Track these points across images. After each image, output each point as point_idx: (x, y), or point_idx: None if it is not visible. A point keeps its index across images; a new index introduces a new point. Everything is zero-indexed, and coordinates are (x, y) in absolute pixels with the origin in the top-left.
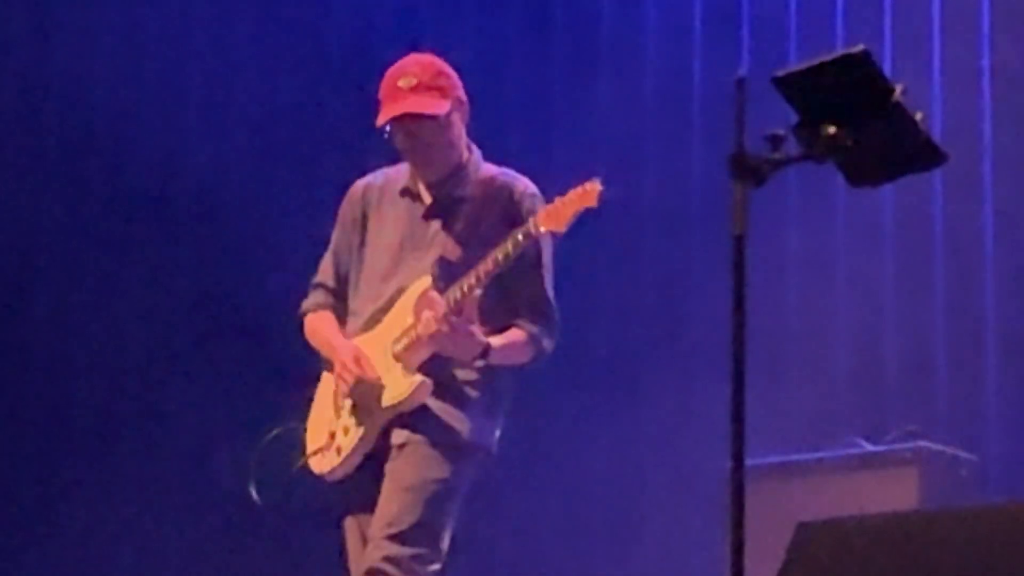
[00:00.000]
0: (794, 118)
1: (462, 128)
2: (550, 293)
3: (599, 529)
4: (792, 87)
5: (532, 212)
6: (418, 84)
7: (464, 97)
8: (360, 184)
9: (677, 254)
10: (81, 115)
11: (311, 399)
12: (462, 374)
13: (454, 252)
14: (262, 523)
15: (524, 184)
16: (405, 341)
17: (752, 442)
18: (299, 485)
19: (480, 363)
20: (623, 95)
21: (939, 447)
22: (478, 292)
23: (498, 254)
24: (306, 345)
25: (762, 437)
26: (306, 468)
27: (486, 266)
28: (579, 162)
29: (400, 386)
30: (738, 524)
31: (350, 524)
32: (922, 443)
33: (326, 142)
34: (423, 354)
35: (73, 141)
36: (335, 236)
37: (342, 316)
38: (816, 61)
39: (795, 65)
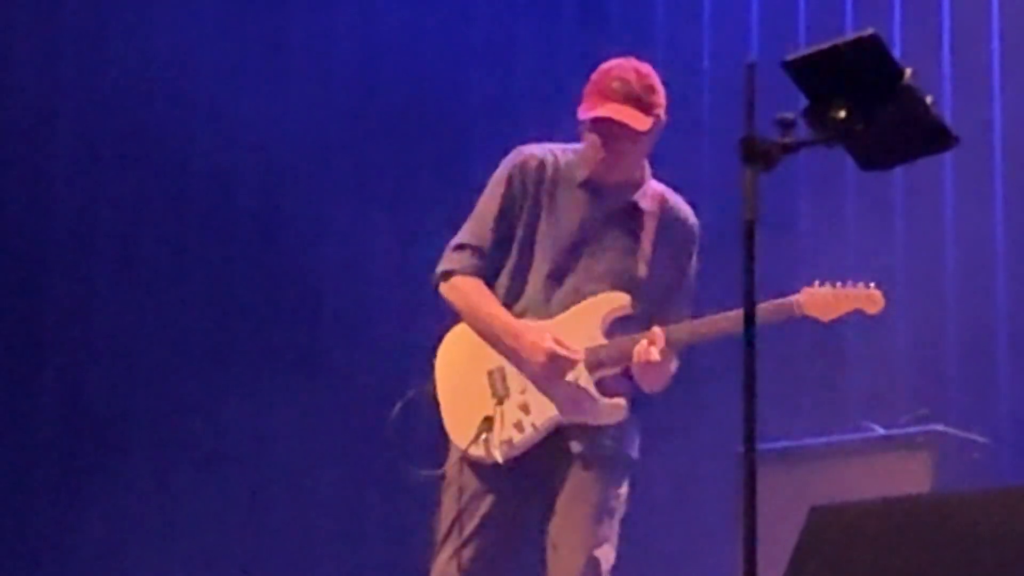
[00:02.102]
0: (804, 102)
1: (652, 144)
2: None
3: None
4: (802, 71)
5: (697, 249)
6: (630, 92)
7: (664, 117)
8: (534, 156)
9: None
10: (137, 119)
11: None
12: (624, 389)
13: (640, 270)
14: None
15: (693, 217)
16: (603, 355)
17: (764, 426)
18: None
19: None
20: None
21: (952, 430)
22: (699, 342)
23: (744, 320)
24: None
25: (775, 421)
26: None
27: (727, 324)
28: None
29: (611, 406)
30: (751, 508)
31: (486, 505)
32: (935, 426)
33: (377, 148)
34: (611, 372)
35: (129, 145)
36: (495, 200)
37: (490, 285)
38: (826, 45)
39: (805, 49)
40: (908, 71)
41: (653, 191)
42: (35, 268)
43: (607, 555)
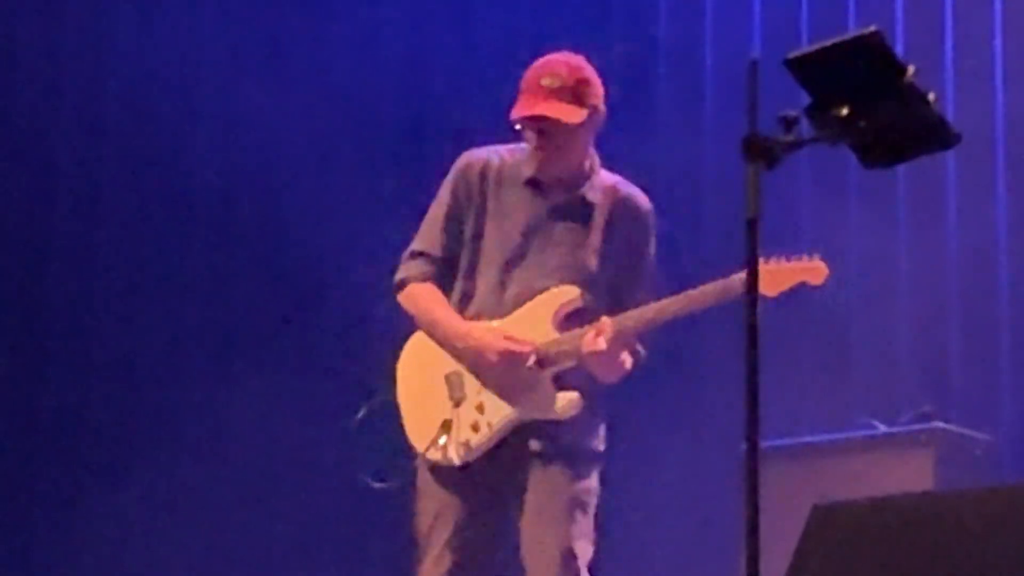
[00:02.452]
0: (807, 99)
1: (591, 136)
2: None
3: (614, 511)
4: (804, 68)
5: (653, 236)
6: (561, 87)
7: (602, 108)
8: (478, 158)
9: (689, 237)
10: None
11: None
12: (581, 383)
13: (590, 262)
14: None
15: (646, 203)
16: (555, 350)
17: (767, 424)
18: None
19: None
20: (634, 78)
21: (954, 428)
22: (647, 329)
23: (692, 297)
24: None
25: (777, 419)
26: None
27: (675, 306)
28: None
29: (558, 401)
30: (753, 506)
31: (455, 510)
32: (937, 424)
33: (380, 149)
34: (565, 366)
35: (132, 145)
36: (444, 205)
37: (445, 290)
38: (829, 42)
39: (807, 46)
40: (910, 69)
41: (603, 183)
42: (38, 268)
43: (584, 550)
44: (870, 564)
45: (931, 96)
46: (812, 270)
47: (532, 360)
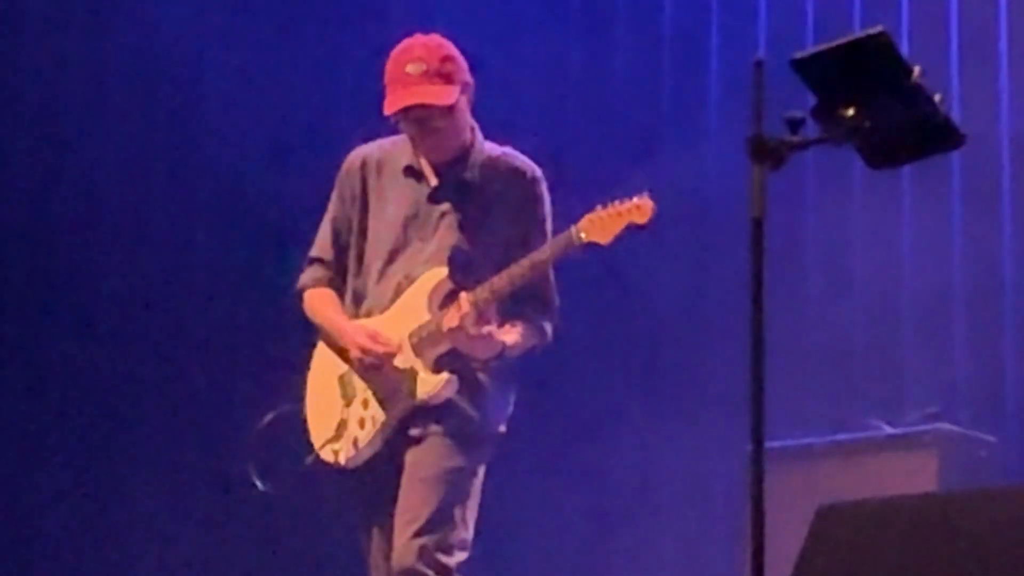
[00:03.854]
0: (812, 100)
1: (468, 111)
2: (552, 280)
3: (620, 511)
4: (810, 69)
5: (541, 200)
6: (427, 70)
7: (470, 79)
8: (357, 156)
9: (695, 238)
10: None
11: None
12: (475, 364)
13: (465, 241)
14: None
15: (531, 169)
16: (424, 334)
17: (772, 425)
18: (307, 471)
19: (493, 362)
20: (640, 78)
21: (959, 429)
22: (503, 295)
23: (536, 258)
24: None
25: (782, 420)
26: (318, 460)
27: (521, 270)
28: (594, 145)
29: (429, 382)
30: (759, 507)
31: (367, 514)
32: (942, 425)
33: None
34: (442, 348)
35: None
36: (332, 208)
37: (341, 292)
38: (834, 43)
39: (813, 47)
40: (916, 69)
41: (483, 157)
42: (41, 262)
43: (438, 540)
44: (875, 565)
45: (937, 97)
46: (637, 208)
47: (407, 350)
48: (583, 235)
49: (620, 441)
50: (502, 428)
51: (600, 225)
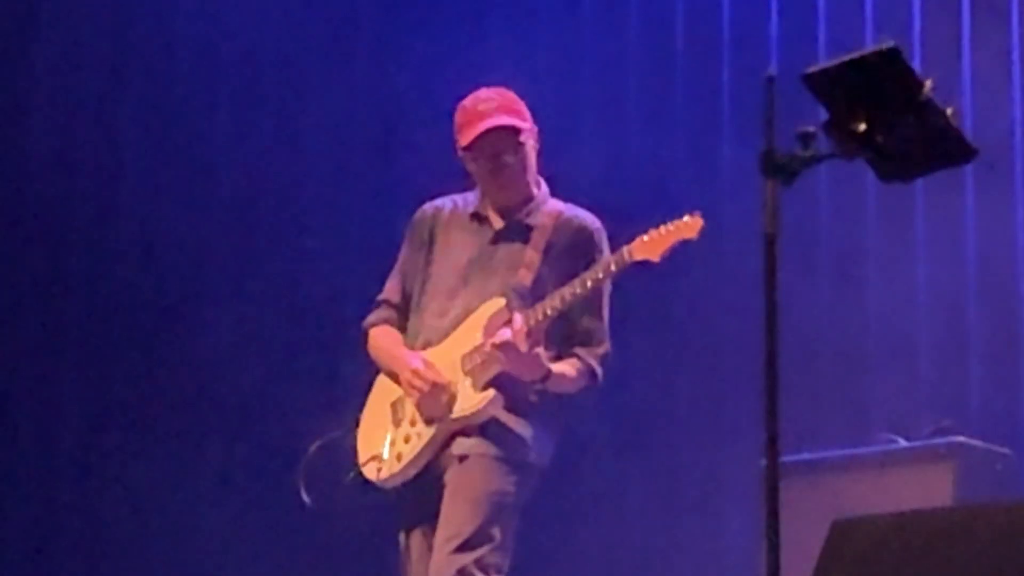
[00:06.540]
0: (824, 115)
1: (534, 158)
2: (606, 324)
3: (635, 527)
4: (822, 84)
5: (601, 249)
6: (499, 104)
7: (535, 129)
8: (429, 206)
9: (708, 253)
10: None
11: (360, 409)
12: (527, 393)
13: (524, 278)
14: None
15: (593, 219)
16: (477, 358)
17: (786, 438)
18: (352, 491)
19: (539, 387)
20: (652, 94)
21: (974, 442)
22: (556, 314)
23: (587, 279)
24: (363, 356)
25: (797, 433)
26: (360, 477)
27: (572, 289)
28: (608, 163)
29: (472, 399)
30: (773, 521)
31: (409, 533)
32: (957, 438)
33: (398, 158)
34: (492, 371)
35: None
36: (402, 255)
37: (405, 332)
38: (846, 58)
39: (825, 62)
40: (928, 83)
41: (548, 208)
42: (57, 258)
43: (477, 558)
44: None
45: (949, 111)
46: (687, 225)
47: (458, 371)
48: (636, 255)
49: (636, 456)
50: (546, 462)
51: (651, 244)
